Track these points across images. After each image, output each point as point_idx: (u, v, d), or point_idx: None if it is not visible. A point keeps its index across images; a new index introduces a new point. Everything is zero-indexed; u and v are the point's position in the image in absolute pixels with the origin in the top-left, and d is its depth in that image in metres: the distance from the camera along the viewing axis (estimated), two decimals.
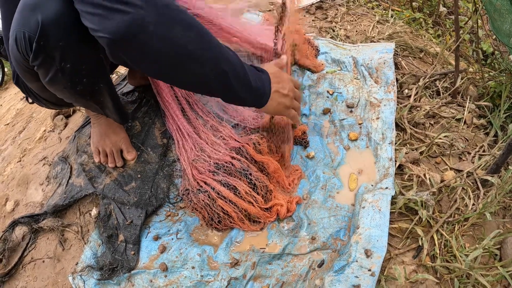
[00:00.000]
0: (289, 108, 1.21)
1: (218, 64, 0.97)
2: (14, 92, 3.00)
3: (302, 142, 1.43)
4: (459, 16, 2.50)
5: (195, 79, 1.00)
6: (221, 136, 1.40)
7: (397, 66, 1.71)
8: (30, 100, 1.34)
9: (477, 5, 1.53)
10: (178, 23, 0.88)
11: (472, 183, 1.23)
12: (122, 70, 2.01)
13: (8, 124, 2.35)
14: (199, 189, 1.26)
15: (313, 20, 2.08)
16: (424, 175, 1.25)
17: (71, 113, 1.83)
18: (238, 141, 1.36)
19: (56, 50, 0.94)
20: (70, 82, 1.05)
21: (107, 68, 1.16)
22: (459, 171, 1.29)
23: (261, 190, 1.24)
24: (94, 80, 1.12)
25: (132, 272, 1.19)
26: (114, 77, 1.98)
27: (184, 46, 0.90)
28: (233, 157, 1.31)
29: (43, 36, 0.90)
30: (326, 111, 1.51)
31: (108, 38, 0.82)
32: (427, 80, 1.63)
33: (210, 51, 0.96)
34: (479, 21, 1.99)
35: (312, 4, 2.18)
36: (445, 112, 1.51)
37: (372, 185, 1.24)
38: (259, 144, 1.33)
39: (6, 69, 4.84)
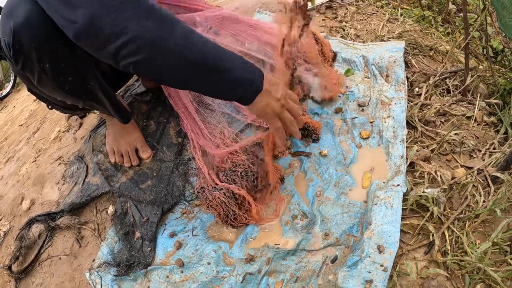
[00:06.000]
0: (277, 115, 1.08)
1: (187, 53, 0.89)
2: (27, 94, 3.03)
3: (312, 136, 1.44)
4: (468, 14, 2.50)
5: (162, 73, 0.93)
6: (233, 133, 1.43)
7: (407, 64, 1.71)
8: (50, 106, 1.35)
9: (485, 2, 1.53)
10: (136, 15, 0.84)
11: (482, 180, 1.24)
12: None
13: (22, 125, 2.38)
14: (214, 187, 1.28)
15: (323, 20, 2.09)
16: (435, 172, 1.25)
17: (86, 114, 1.86)
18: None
19: (31, 52, 0.95)
20: (56, 82, 1.05)
21: (92, 66, 1.15)
22: (469, 168, 1.29)
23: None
24: (81, 78, 1.12)
25: (149, 268, 1.21)
26: None
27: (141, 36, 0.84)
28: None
29: (16, 40, 0.92)
30: (338, 110, 1.52)
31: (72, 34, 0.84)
32: (437, 78, 1.63)
33: (173, 39, 0.87)
34: (488, 18, 1.98)
35: (322, 3, 2.19)
36: (456, 110, 1.51)
37: (384, 182, 1.25)
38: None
39: None
